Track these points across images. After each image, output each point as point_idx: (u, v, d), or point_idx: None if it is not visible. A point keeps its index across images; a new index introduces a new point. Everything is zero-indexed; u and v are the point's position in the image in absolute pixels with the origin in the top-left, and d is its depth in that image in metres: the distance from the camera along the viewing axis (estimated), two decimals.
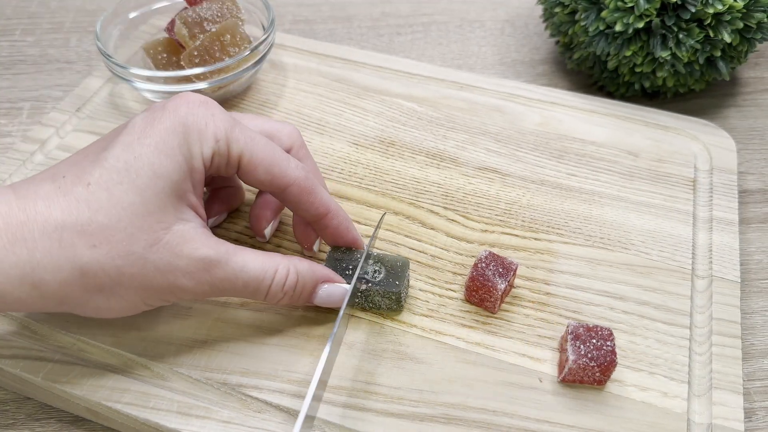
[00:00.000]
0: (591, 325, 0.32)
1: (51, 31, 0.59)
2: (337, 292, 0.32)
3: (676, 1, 0.43)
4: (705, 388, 0.32)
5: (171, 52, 0.45)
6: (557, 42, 0.55)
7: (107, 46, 0.45)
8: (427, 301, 0.35)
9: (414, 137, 0.45)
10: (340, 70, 0.51)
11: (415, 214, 0.40)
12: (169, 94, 0.44)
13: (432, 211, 0.40)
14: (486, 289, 0.34)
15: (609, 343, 0.31)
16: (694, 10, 0.43)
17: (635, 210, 0.41)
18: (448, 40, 0.60)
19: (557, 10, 0.50)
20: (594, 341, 0.31)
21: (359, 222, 0.40)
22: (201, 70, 0.42)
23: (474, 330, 0.34)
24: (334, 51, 0.52)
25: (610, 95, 0.53)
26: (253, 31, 0.49)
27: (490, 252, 0.35)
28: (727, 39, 0.43)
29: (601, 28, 0.46)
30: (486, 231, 0.39)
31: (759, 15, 0.43)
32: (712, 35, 0.44)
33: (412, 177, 0.42)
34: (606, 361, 0.30)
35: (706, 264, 0.38)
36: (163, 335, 0.33)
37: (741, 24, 0.43)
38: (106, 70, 0.49)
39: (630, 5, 0.44)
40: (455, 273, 0.37)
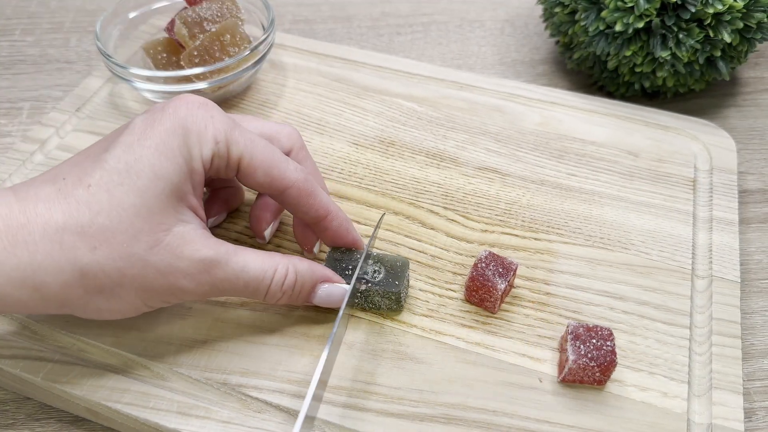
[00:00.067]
0: (591, 325, 0.32)
1: (51, 31, 0.59)
2: (337, 292, 0.32)
3: (676, 1, 0.43)
4: (705, 388, 0.32)
5: (171, 52, 0.45)
6: (557, 42, 0.55)
7: (107, 46, 0.45)
8: (427, 301, 0.35)
9: (414, 137, 0.45)
10: (339, 69, 0.51)
11: (415, 214, 0.40)
12: (169, 94, 0.44)
13: (432, 211, 0.40)
14: (486, 289, 0.34)
15: (609, 343, 0.31)
16: (694, 10, 0.43)
17: (635, 210, 0.41)
18: (447, 40, 0.60)
19: (557, 10, 0.50)
20: (594, 341, 0.31)
21: (359, 222, 0.40)
22: (201, 70, 0.42)
23: (474, 330, 0.34)
24: (333, 51, 0.52)
25: (610, 95, 0.53)
26: (253, 31, 0.49)
27: (490, 252, 0.35)
28: (727, 39, 0.43)
29: (601, 28, 0.46)
30: (486, 231, 0.39)
31: (759, 15, 0.43)
32: (712, 35, 0.44)
33: (412, 177, 0.42)
34: (606, 361, 0.30)
35: (706, 264, 0.38)
36: (163, 335, 0.33)
37: (741, 24, 0.43)
38: (106, 70, 0.49)
39: (630, 5, 0.44)
40: (455, 273, 0.37)
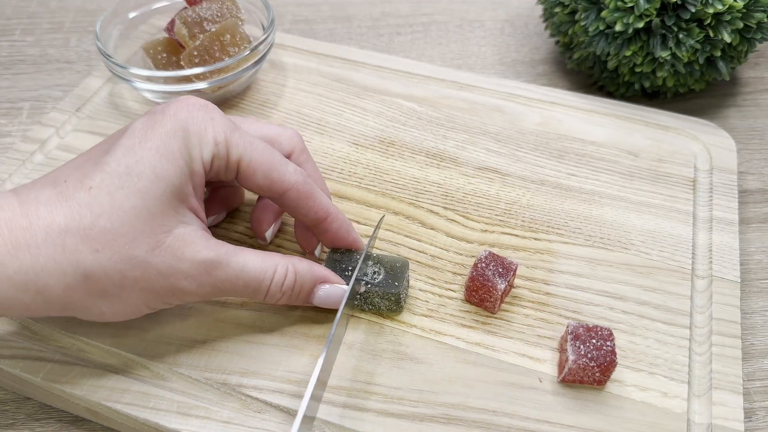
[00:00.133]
0: (591, 325, 0.32)
1: (51, 31, 0.59)
2: (336, 292, 0.32)
3: (676, 1, 0.43)
4: (705, 388, 0.32)
5: (171, 52, 0.45)
6: (557, 42, 0.55)
7: (107, 46, 0.45)
8: (427, 301, 0.35)
9: (414, 137, 0.45)
10: (339, 69, 0.51)
11: (415, 214, 0.40)
12: (169, 93, 0.44)
13: (432, 211, 0.40)
14: (486, 289, 0.34)
15: (609, 343, 0.31)
16: (694, 10, 0.43)
17: (635, 210, 0.41)
18: (447, 39, 0.60)
19: (557, 10, 0.50)
20: (594, 341, 0.31)
21: (359, 222, 0.39)
22: (201, 70, 0.42)
23: (474, 330, 0.34)
24: (333, 51, 0.52)
25: (610, 95, 0.53)
26: (253, 31, 0.49)
27: (490, 252, 0.35)
28: (727, 39, 0.43)
29: (601, 28, 0.46)
30: (486, 231, 0.39)
31: (759, 15, 0.43)
32: (712, 35, 0.44)
33: (412, 177, 0.42)
34: (606, 361, 0.30)
35: (706, 264, 0.38)
36: (163, 335, 0.33)
37: (741, 24, 0.43)
38: (106, 70, 0.49)
39: (630, 5, 0.44)
40: (455, 273, 0.37)
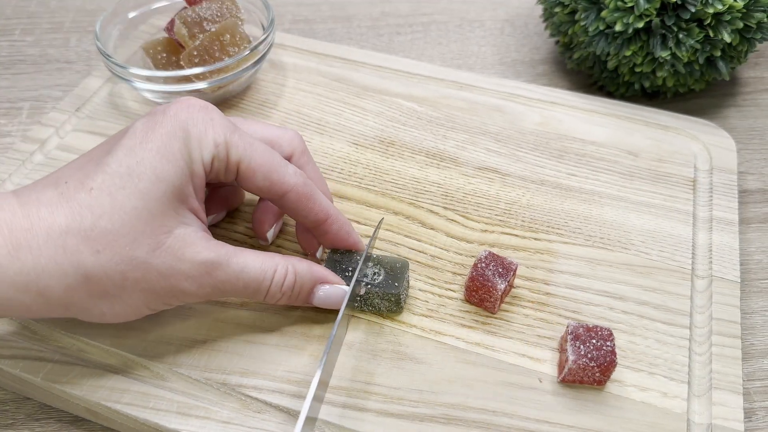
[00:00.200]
0: (591, 326, 0.32)
1: (50, 31, 0.59)
2: (336, 293, 0.32)
3: (676, 1, 0.43)
4: (705, 388, 0.32)
5: (170, 51, 0.45)
6: (557, 42, 0.55)
7: (107, 46, 0.45)
8: (427, 301, 0.35)
9: (414, 137, 0.45)
10: (339, 69, 0.51)
11: (415, 214, 0.40)
12: (169, 93, 0.44)
13: (432, 211, 0.40)
14: (486, 289, 0.34)
15: (609, 344, 0.31)
16: (694, 10, 0.43)
17: (635, 210, 0.41)
18: (447, 39, 0.60)
19: (557, 10, 0.50)
20: (594, 341, 0.31)
21: (359, 222, 0.39)
22: (200, 69, 0.42)
23: (474, 330, 0.34)
24: (333, 50, 0.52)
25: (610, 95, 0.53)
26: (253, 31, 0.49)
27: (489, 252, 0.35)
28: (727, 39, 0.43)
29: (601, 28, 0.46)
30: (486, 231, 0.39)
31: (759, 15, 0.43)
32: (712, 35, 0.44)
33: (411, 177, 0.42)
34: (606, 362, 0.30)
35: (706, 264, 0.38)
36: (163, 335, 0.33)
37: (741, 24, 0.43)
38: (105, 70, 0.49)
39: (630, 5, 0.44)
40: (455, 273, 0.37)
